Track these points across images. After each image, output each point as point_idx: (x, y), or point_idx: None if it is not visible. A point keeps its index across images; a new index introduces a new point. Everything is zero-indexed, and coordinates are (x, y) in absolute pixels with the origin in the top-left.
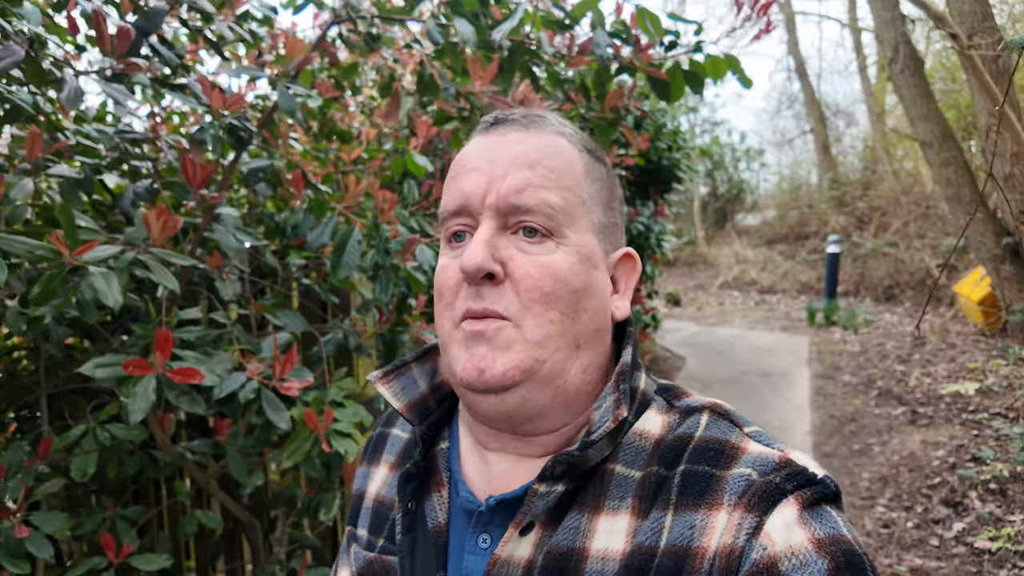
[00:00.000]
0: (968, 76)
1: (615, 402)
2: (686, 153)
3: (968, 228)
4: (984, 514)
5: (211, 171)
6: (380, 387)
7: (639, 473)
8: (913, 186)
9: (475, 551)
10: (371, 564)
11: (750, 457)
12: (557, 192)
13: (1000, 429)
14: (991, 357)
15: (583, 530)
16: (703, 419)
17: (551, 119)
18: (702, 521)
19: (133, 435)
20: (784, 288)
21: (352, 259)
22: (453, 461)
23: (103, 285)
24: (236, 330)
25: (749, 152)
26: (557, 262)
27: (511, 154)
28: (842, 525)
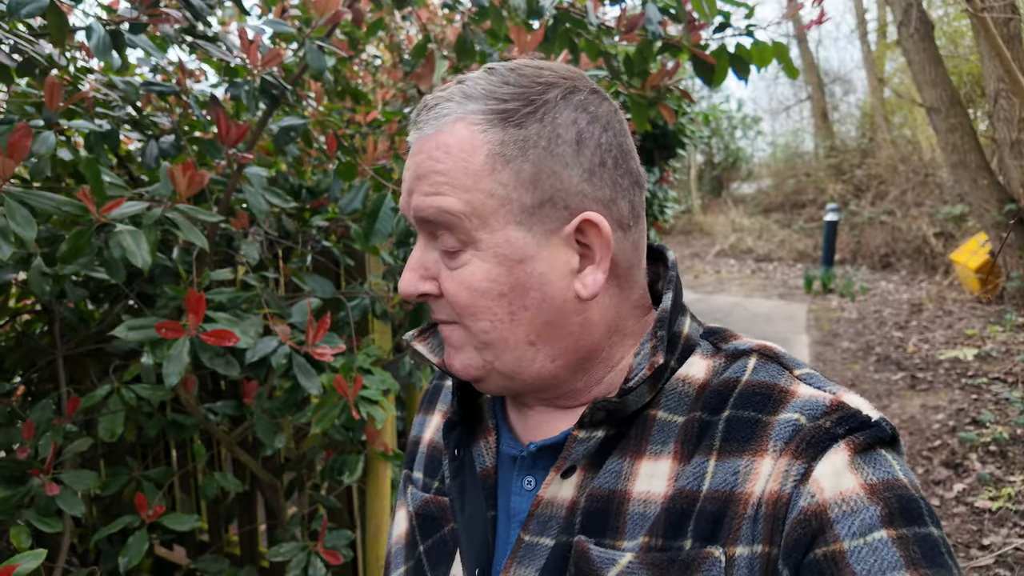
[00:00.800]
0: (979, 39)
1: (652, 348)
2: (691, 118)
3: (973, 195)
4: (985, 475)
5: (246, 129)
6: (417, 345)
7: (682, 418)
8: (912, 154)
9: (520, 492)
10: (427, 504)
11: (799, 401)
12: (454, 195)
13: (999, 393)
14: (988, 324)
15: (625, 473)
16: (751, 362)
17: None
18: (746, 467)
19: (160, 395)
20: (780, 256)
21: (385, 226)
22: (497, 409)
23: (131, 244)
24: (266, 293)
25: (745, 120)
26: (472, 274)
27: (413, 163)
28: (898, 469)
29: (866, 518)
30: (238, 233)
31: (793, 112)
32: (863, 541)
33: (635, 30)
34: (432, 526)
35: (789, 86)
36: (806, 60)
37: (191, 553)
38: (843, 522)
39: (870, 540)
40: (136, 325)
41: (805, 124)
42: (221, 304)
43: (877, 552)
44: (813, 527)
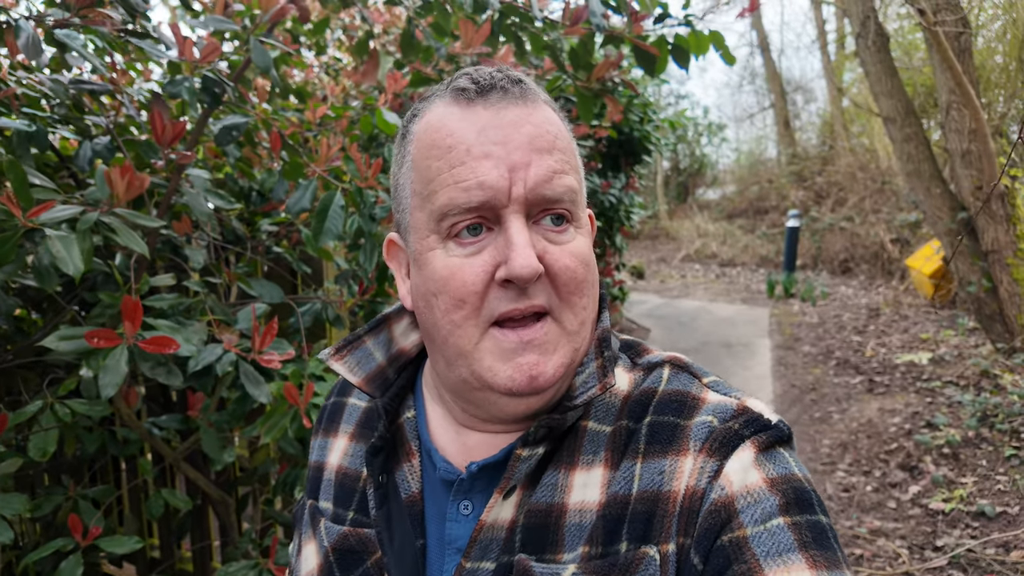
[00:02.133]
0: (931, 52)
1: (600, 369)
2: (656, 125)
3: (926, 203)
4: (938, 477)
5: (183, 128)
6: (334, 363)
7: (610, 428)
8: (869, 162)
9: (456, 518)
10: (346, 538)
11: (710, 406)
12: (574, 175)
13: (952, 396)
14: (942, 328)
15: (560, 486)
16: (665, 373)
17: (531, 84)
18: (670, 466)
19: (97, 411)
20: (744, 261)
21: (335, 225)
22: (422, 430)
23: (62, 250)
24: (210, 299)
25: (711, 127)
26: (581, 247)
27: (522, 136)
28: (793, 465)
29: (766, 507)
30: (182, 239)
31: (757, 120)
32: (763, 527)
33: (579, 23)
34: (353, 561)
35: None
36: (769, 69)
37: (142, 570)
38: (747, 511)
39: (769, 526)
40: (68, 335)
41: (768, 132)
42: (162, 311)
43: (775, 536)
44: (722, 517)
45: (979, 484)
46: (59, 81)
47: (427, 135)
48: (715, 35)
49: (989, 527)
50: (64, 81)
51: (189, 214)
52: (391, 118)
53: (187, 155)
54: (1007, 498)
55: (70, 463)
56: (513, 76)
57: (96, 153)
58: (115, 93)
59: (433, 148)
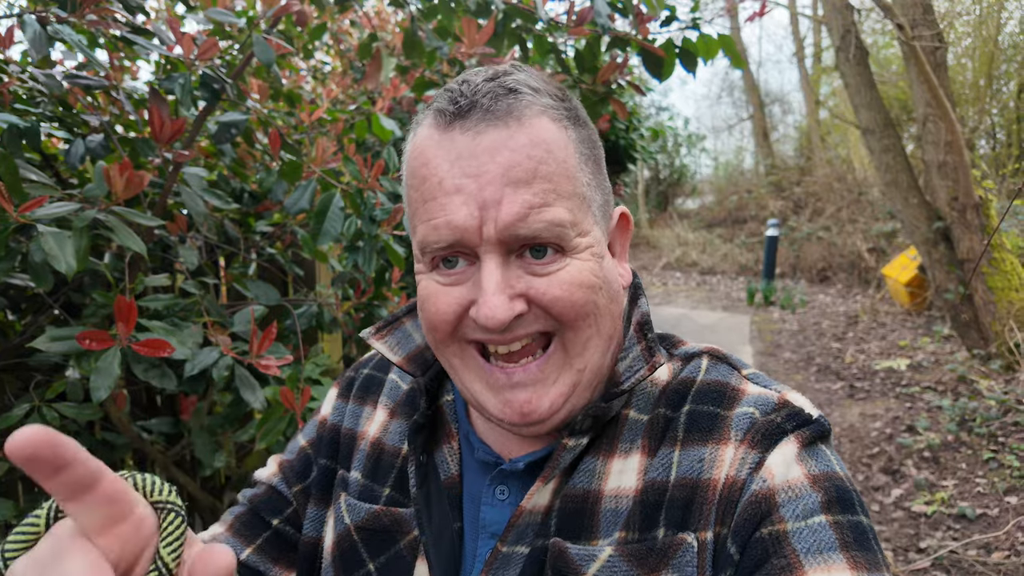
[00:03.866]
0: (909, 67)
1: (645, 351)
2: (641, 134)
3: (904, 213)
4: (920, 480)
5: (182, 125)
6: (374, 342)
7: (647, 416)
8: (846, 173)
9: (492, 502)
10: (378, 517)
11: (751, 397)
12: (562, 204)
13: (931, 401)
14: (918, 335)
15: (597, 472)
16: (703, 363)
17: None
18: (711, 455)
19: (86, 414)
20: (724, 270)
21: (334, 227)
22: (460, 413)
23: (55, 247)
24: (206, 300)
25: (690, 138)
26: (577, 273)
27: (497, 168)
28: (835, 462)
29: (808, 503)
30: (175, 239)
31: (735, 131)
32: (804, 523)
33: (584, 24)
34: (383, 541)
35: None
36: (748, 81)
37: None
38: (788, 506)
39: (810, 523)
40: (59, 335)
41: (746, 143)
42: (157, 312)
43: (816, 533)
44: (762, 509)
45: (959, 487)
46: (53, 76)
47: (410, 161)
48: (724, 39)
49: (970, 529)
50: (58, 76)
51: (186, 214)
52: (387, 124)
53: (184, 153)
54: (987, 500)
55: None
56: (502, 88)
57: (90, 151)
58: (111, 90)
59: (412, 177)
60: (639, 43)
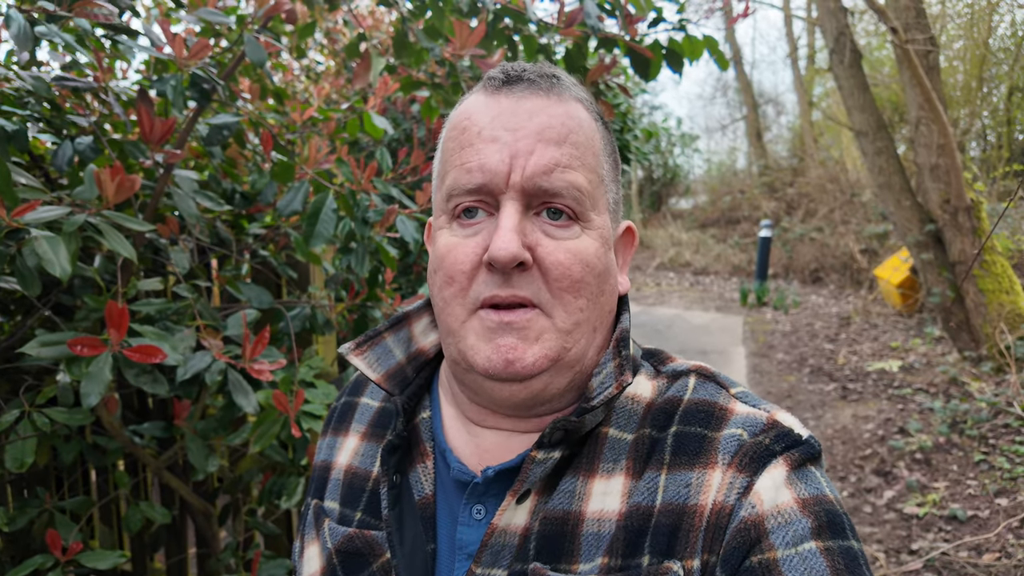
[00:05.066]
0: (901, 69)
1: (617, 368)
2: (635, 135)
3: (896, 215)
4: (912, 482)
5: (172, 126)
6: (353, 358)
7: (631, 436)
8: (839, 174)
9: (469, 522)
10: (352, 539)
11: (739, 418)
12: (583, 173)
13: (923, 403)
14: (910, 337)
15: (578, 493)
16: (691, 382)
17: (566, 80)
18: (697, 479)
19: (77, 419)
20: (717, 270)
21: (326, 228)
22: (437, 431)
23: (48, 251)
24: (199, 304)
25: (684, 137)
26: (585, 247)
27: (534, 125)
28: (825, 486)
29: (798, 529)
30: (165, 242)
31: (728, 131)
32: (795, 551)
33: (574, 25)
34: (358, 564)
35: (725, 106)
36: (742, 82)
37: None
38: (778, 532)
39: (801, 550)
40: (49, 341)
41: (739, 143)
42: (149, 316)
43: (807, 561)
44: (751, 536)
45: (951, 489)
46: (41, 78)
47: (453, 119)
48: (709, 40)
49: (961, 531)
50: (47, 78)
51: (177, 216)
52: (379, 122)
53: (176, 153)
54: (978, 502)
55: (41, 473)
56: (547, 71)
57: (79, 153)
58: (100, 91)
59: (453, 130)
60: (627, 44)
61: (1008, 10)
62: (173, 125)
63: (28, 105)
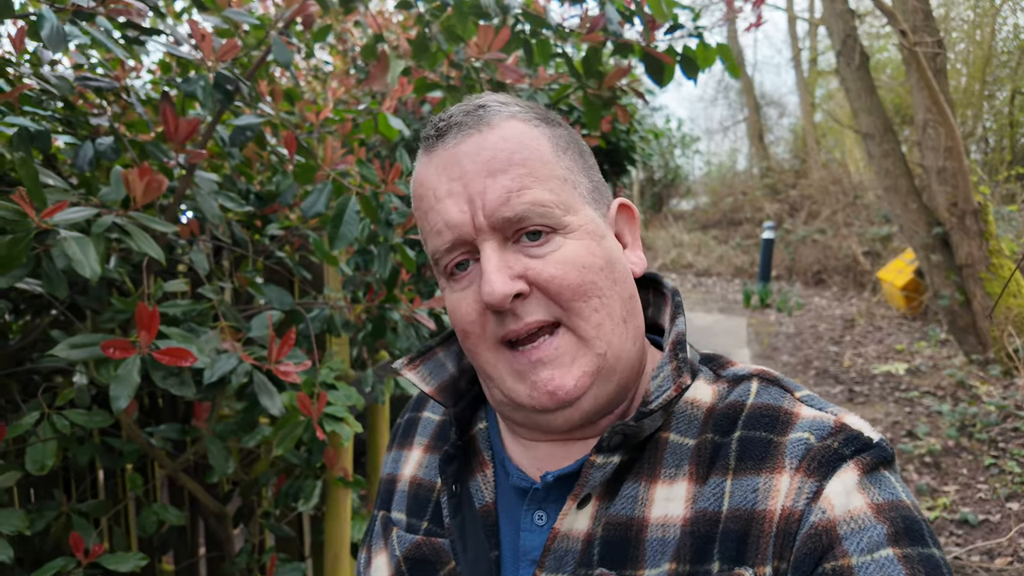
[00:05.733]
0: (909, 72)
1: (675, 371)
2: (641, 136)
3: (903, 217)
4: (922, 486)
5: (196, 126)
6: (408, 373)
7: (693, 441)
8: (842, 176)
9: (531, 528)
10: (419, 547)
11: (806, 422)
12: (540, 186)
13: (931, 406)
14: (915, 339)
15: (641, 499)
16: (753, 386)
17: (492, 104)
18: (765, 484)
19: (96, 421)
20: (719, 271)
21: (351, 230)
22: (495, 440)
23: (78, 252)
24: (223, 306)
25: (684, 139)
26: (572, 252)
27: (476, 165)
28: (900, 490)
29: (873, 536)
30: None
31: (729, 132)
32: (870, 558)
33: (596, 30)
34: (426, 570)
35: (727, 107)
36: (744, 83)
37: None
38: (851, 539)
39: (877, 557)
40: (79, 343)
41: (740, 144)
42: (175, 318)
43: (884, 569)
44: (823, 542)
45: (961, 492)
46: (65, 78)
47: (413, 190)
48: (722, 47)
49: (972, 535)
50: (69, 78)
51: (198, 216)
52: (395, 123)
53: (200, 153)
54: (988, 506)
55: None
56: (472, 105)
57: (100, 153)
58: (121, 91)
59: (415, 200)
60: (643, 49)
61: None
62: (197, 125)
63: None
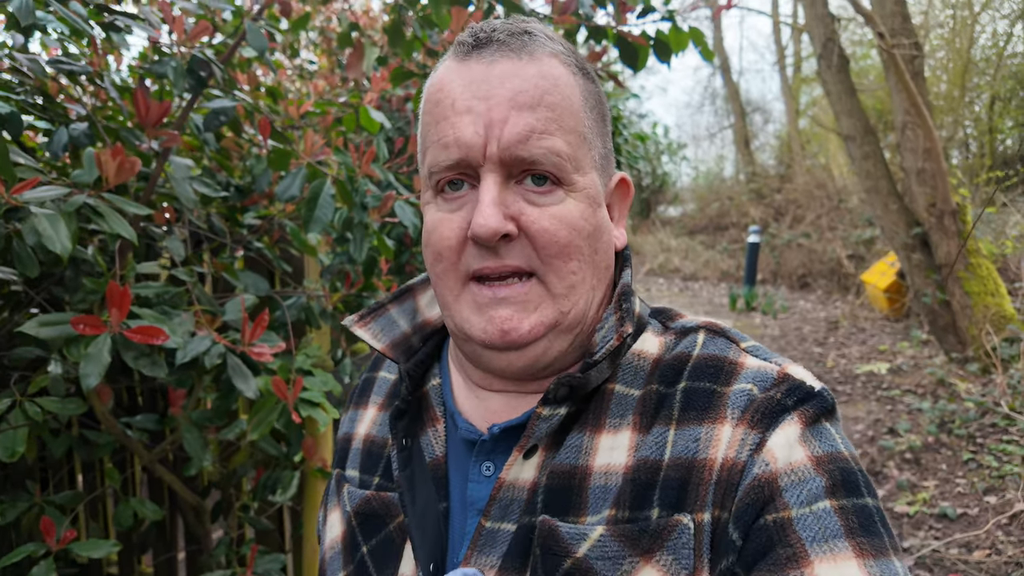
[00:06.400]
0: (888, 74)
1: (617, 320)
2: (626, 139)
3: (884, 219)
4: (903, 481)
5: (168, 108)
6: (357, 330)
7: (639, 391)
8: (826, 181)
9: (479, 479)
10: (368, 501)
11: (749, 372)
12: (562, 136)
13: (911, 404)
14: (897, 340)
15: (585, 448)
16: (700, 338)
17: (538, 34)
18: (707, 434)
19: (70, 409)
20: (705, 276)
21: (325, 213)
22: (447, 396)
23: (48, 228)
24: (197, 289)
25: (671, 146)
26: (569, 211)
27: (506, 91)
28: (839, 442)
29: (812, 488)
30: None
31: (716, 139)
32: (809, 510)
33: (568, 13)
34: (375, 525)
35: (713, 114)
36: (730, 90)
37: None
38: (792, 491)
39: (815, 509)
40: (49, 321)
41: (727, 151)
42: (147, 299)
43: (820, 520)
44: (765, 494)
45: (940, 487)
46: (37, 61)
47: (427, 92)
48: (694, 31)
49: (951, 528)
50: (42, 62)
51: (174, 203)
52: (376, 116)
53: (173, 135)
54: (967, 500)
55: (27, 468)
56: (518, 28)
57: (74, 139)
58: (95, 77)
59: (427, 103)
60: (617, 33)
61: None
62: (169, 108)
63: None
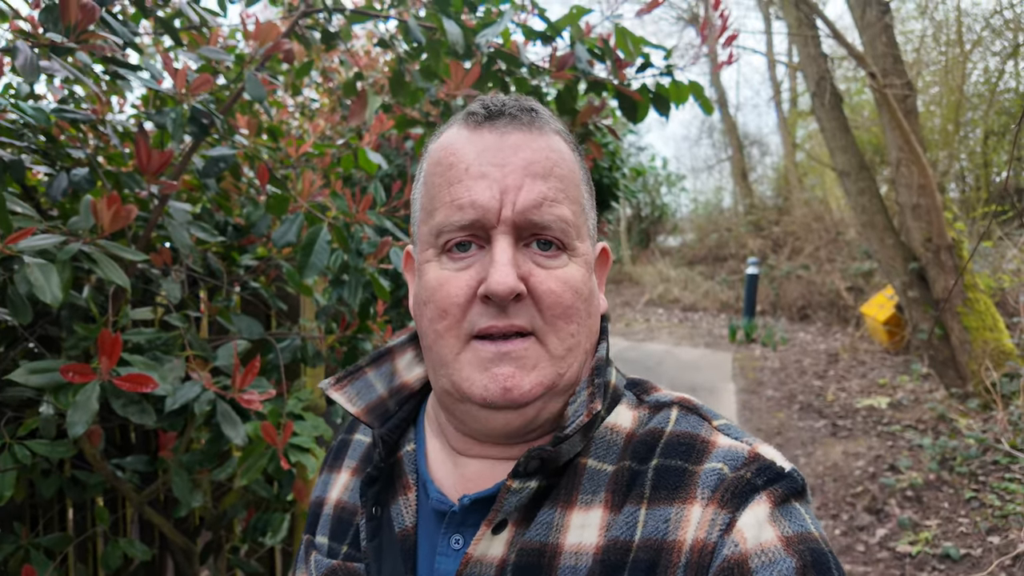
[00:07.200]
0: (881, 112)
1: (589, 396)
2: (623, 173)
3: (880, 253)
4: (904, 520)
5: (169, 157)
6: (333, 393)
7: (611, 467)
8: (823, 213)
9: (447, 552)
10: (335, 571)
11: (720, 451)
12: (568, 205)
13: (912, 440)
14: (897, 373)
15: (556, 525)
16: (673, 414)
17: (543, 112)
18: (676, 514)
19: (59, 452)
20: (705, 306)
21: (320, 259)
22: (421, 463)
23: (40, 278)
24: (190, 334)
25: (670, 177)
26: (572, 275)
27: (519, 160)
28: (809, 523)
29: (783, 569)
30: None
31: (714, 171)
32: None
33: (566, 68)
34: None
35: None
36: (727, 124)
37: None
38: (762, 572)
39: None
40: (38, 368)
41: (725, 182)
42: (139, 346)
43: None
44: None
45: (943, 526)
46: (41, 109)
47: (436, 153)
48: (694, 85)
49: (955, 569)
50: (46, 110)
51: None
52: (374, 158)
53: (172, 184)
54: (970, 540)
55: (16, 509)
56: (526, 105)
57: (75, 184)
58: (98, 124)
59: (438, 166)
60: (616, 87)
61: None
62: (170, 157)
63: (24, 137)
